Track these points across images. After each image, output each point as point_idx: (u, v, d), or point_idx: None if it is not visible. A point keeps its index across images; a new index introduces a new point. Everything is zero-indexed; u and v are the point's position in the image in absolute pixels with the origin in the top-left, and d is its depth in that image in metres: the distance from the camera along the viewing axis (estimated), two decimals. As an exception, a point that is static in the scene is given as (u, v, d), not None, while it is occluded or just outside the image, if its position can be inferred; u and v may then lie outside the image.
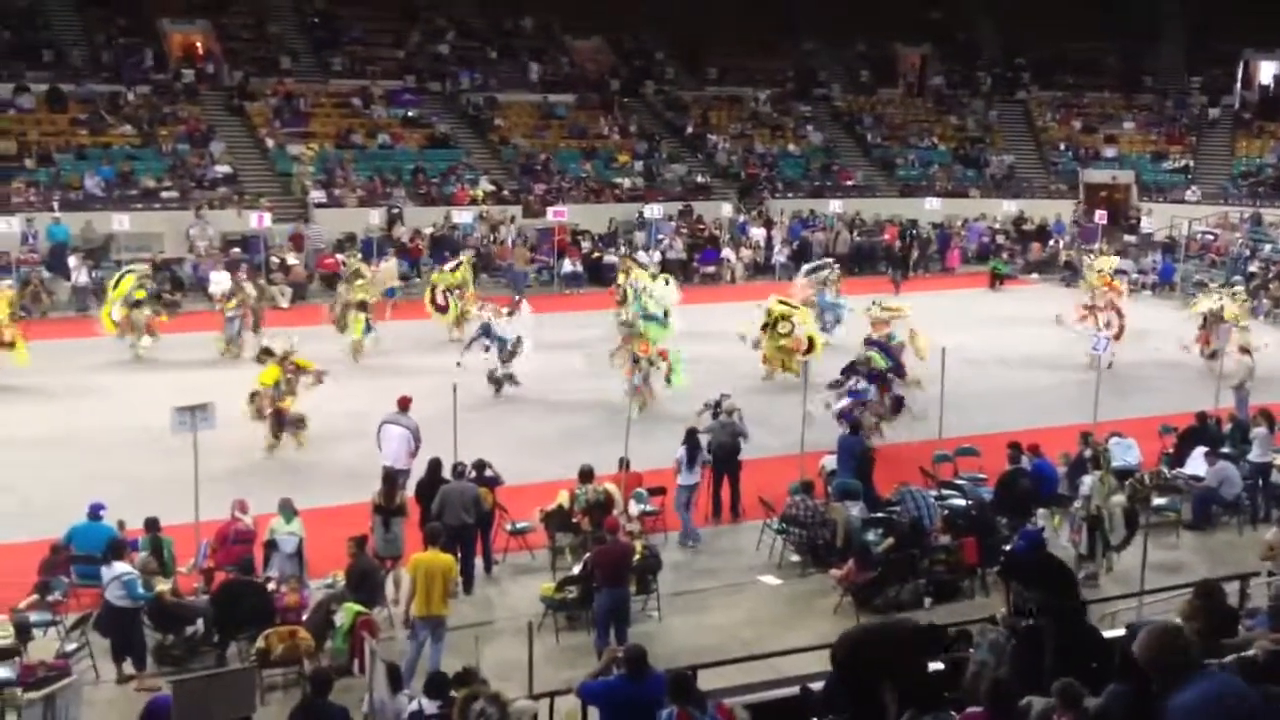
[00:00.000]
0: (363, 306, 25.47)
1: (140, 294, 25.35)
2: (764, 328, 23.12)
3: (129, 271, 26.04)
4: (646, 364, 21.03)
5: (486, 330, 22.53)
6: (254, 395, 18.98)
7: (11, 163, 34.26)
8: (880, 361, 19.42)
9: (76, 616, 12.77)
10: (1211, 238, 39.71)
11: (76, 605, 13.33)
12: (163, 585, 12.91)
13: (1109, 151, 46.83)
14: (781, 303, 23.49)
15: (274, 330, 21.63)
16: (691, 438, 16.33)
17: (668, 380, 21.20)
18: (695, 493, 16.39)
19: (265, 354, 19.57)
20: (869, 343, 20.04)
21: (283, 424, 19.03)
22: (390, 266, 30.29)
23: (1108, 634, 10.81)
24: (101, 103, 37.15)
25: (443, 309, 27.10)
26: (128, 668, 12.36)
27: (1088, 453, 16.30)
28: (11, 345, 22.73)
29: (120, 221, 31.27)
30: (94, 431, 20.31)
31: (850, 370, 19.63)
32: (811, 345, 22.48)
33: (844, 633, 7.04)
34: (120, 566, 12.53)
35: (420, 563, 12.39)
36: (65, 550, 13.89)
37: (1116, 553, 15.32)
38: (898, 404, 19.65)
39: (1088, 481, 15.31)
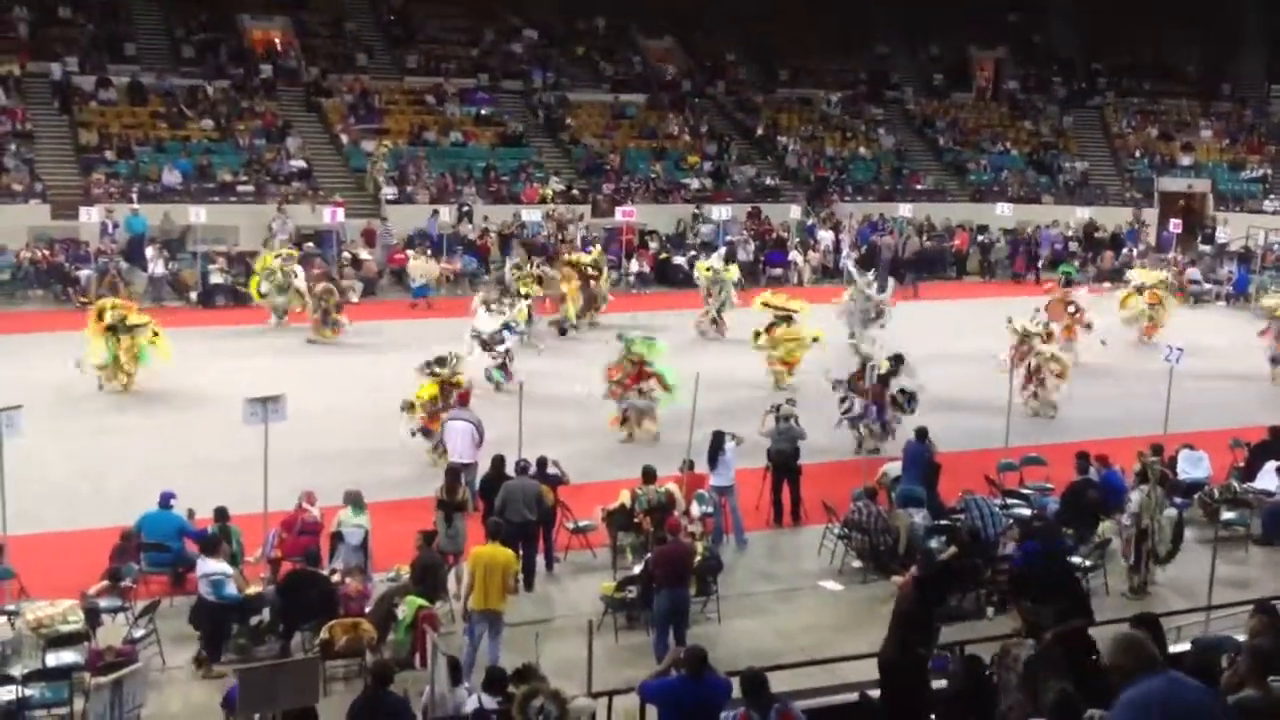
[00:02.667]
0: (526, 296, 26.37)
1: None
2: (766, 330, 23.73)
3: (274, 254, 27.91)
4: (636, 393, 20.17)
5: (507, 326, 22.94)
6: (410, 406, 18.57)
7: (93, 154, 34.95)
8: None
9: (145, 603, 13.01)
10: (1289, 248, 39.01)
11: (145, 592, 13.59)
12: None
13: (1185, 159, 46.11)
14: (765, 304, 24.26)
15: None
16: (714, 439, 16.28)
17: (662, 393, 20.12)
18: (731, 495, 16.29)
19: (436, 364, 18.83)
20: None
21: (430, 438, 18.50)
22: (422, 265, 30.88)
23: (1173, 649, 10.70)
24: (181, 96, 37.79)
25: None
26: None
27: (1137, 466, 16.09)
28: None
29: (197, 214, 31.76)
30: (168, 419, 20.69)
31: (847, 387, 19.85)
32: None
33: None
34: (211, 564, 12.79)
35: (480, 557, 12.50)
36: (136, 537, 14.14)
37: (1161, 566, 15.17)
38: (886, 427, 19.73)
39: (1135, 496, 15.14)
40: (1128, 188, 45.53)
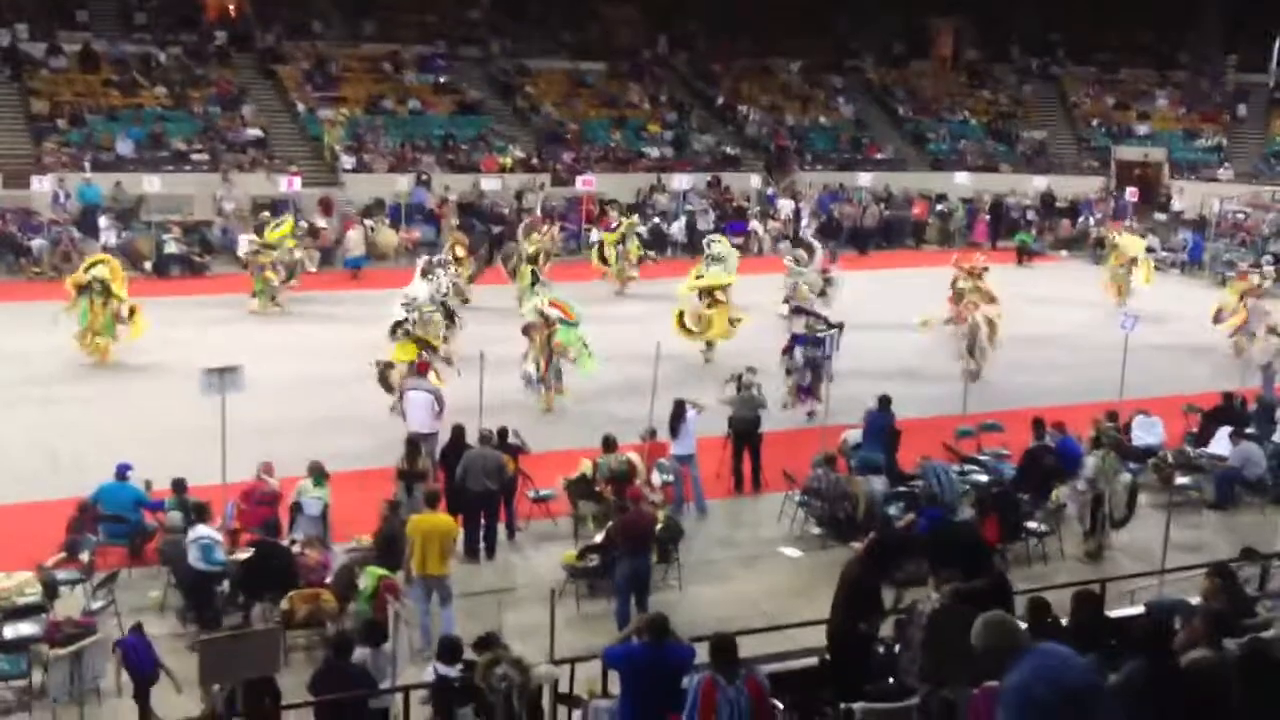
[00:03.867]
0: (534, 260, 26.25)
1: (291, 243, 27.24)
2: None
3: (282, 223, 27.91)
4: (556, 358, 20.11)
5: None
6: (388, 366, 18.74)
7: (44, 123, 34.44)
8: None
9: (104, 574, 12.93)
10: (1243, 216, 39.35)
11: (103, 564, 13.50)
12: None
13: (1142, 128, 46.44)
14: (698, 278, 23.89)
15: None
16: (676, 408, 16.30)
17: (575, 362, 20.19)
18: (691, 464, 16.33)
19: (398, 329, 19.36)
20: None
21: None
22: (356, 236, 30.76)
23: (1127, 611, 10.87)
24: (134, 64, 37.26)
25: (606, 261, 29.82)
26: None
27: (1092, 432, 16.26)
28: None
29: (151, 183, 31.43)
30: (124, 391, 20.53)
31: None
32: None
33: None
34: (201, 529, 12.76)
35: (419, 524, 12.60)
36: (93, 509, 14.04)
37: (1116, 530, 15.37)
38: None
39: (1090, 462, 15.31)
40: (1084, 157, 45.82)
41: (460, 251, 27.66)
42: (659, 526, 13.84)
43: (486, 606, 12.14)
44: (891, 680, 9.43)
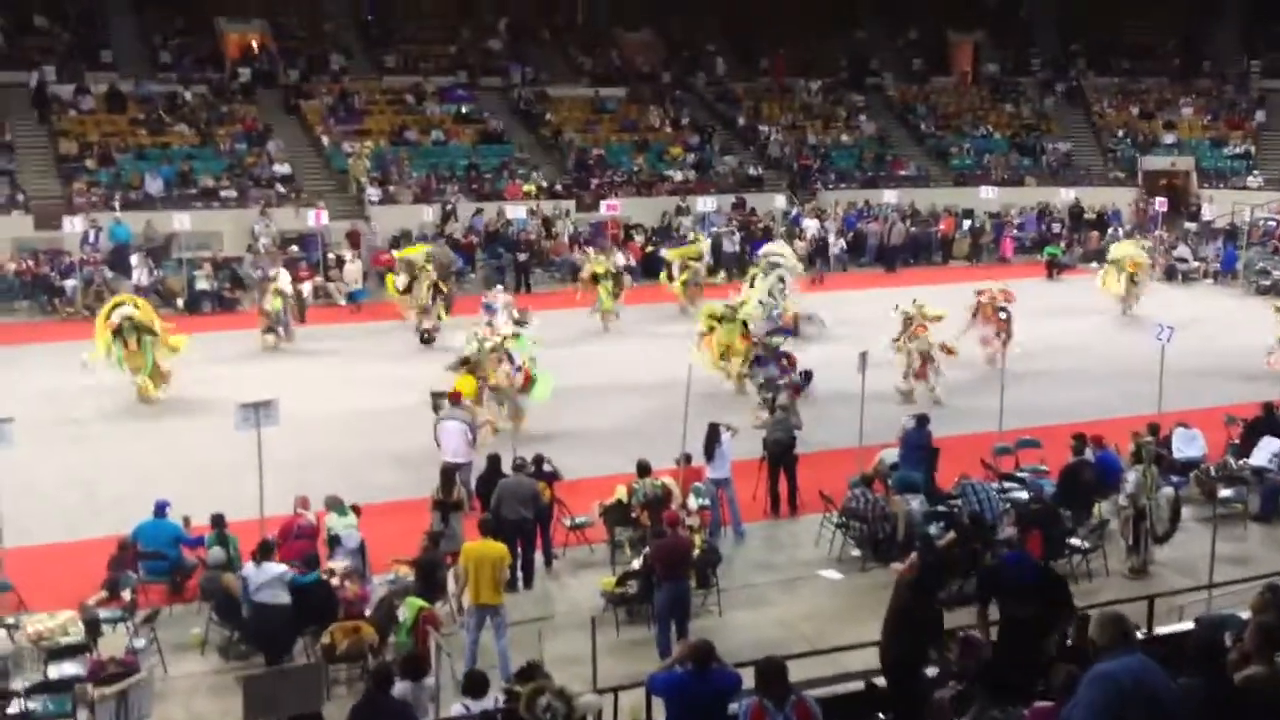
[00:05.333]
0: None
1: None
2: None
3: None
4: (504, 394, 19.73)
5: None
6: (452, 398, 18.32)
7: (73, 163, 34.76)
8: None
9: (146, 612, 12.95)
10: (1274, 224, 39.06)
11: (144, 601, 13.51)
12: (230, 580, 13.09)
13: (1168, 138, 46.16)
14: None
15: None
16: (710, 431, 16.22)
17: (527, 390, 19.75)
18: (728, 487, 16.26)
19: (462, 363, 19.36)
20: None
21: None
22: (355, 269, 30.88)
23: (1176, 627, 10.73)
24: (160, 103, 37.61)
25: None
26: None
27: (1132, 446, 16.10)
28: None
29: (181, 221, 31.64)
30: (159, 428, 20.63)
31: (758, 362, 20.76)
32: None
33: None
34: (277, 567, 12.72)
35: (470, 552, 12.55)
36: (132, 547, 14.07)
37: (1160, 545, 15.21)
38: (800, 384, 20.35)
39: (1131, 476, 15.15)
40: (1110, 168, 45.61)
41: (444, 288, 27.28)
42: (696, 551, 13.77)
43: (527, 636, 12.08)
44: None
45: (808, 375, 21.11)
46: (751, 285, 25.60)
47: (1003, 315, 23.99)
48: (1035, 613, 9.12)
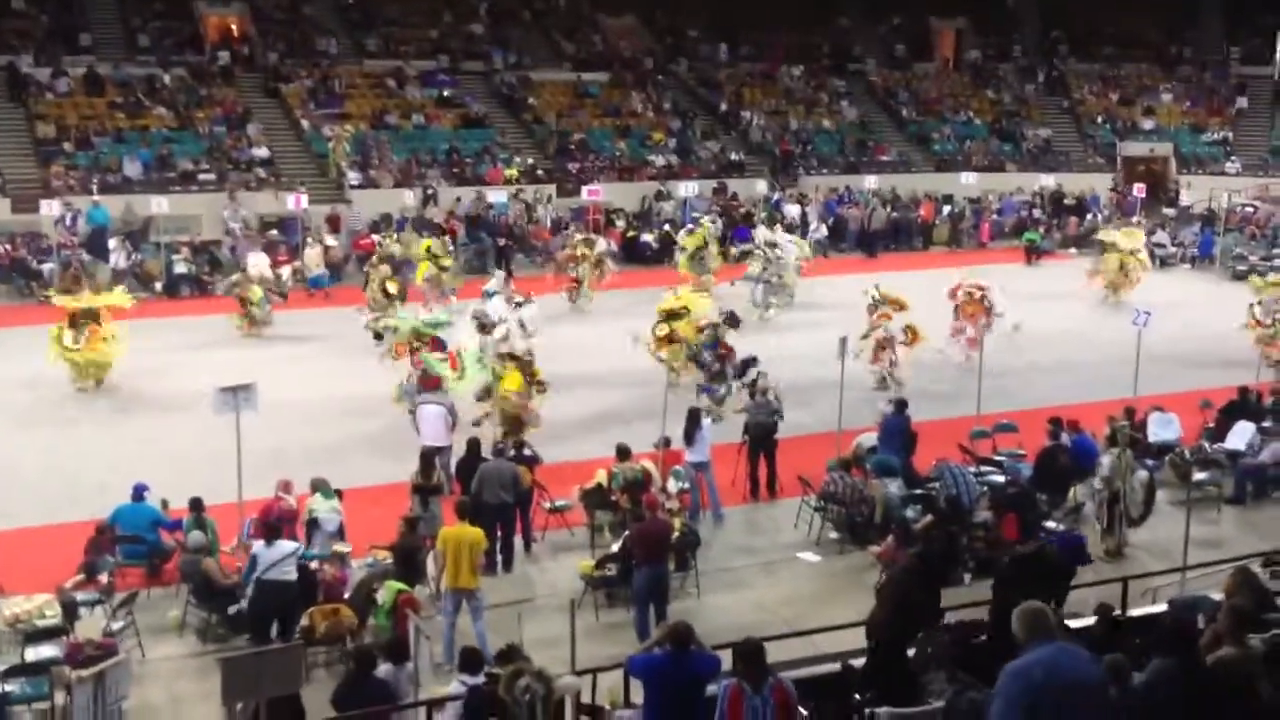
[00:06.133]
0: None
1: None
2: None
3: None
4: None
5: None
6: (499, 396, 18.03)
7: (50, 147, 34.52)
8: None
9: (123, 595, 12.93)
10: (1251, 210, 39.30)
11: (122, 584, 13.52)
12: (210, 564, 13.09)
13: (1147, 124, 46.38)
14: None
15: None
16: (691, 416, 16.27)
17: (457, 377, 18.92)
18: (707, 471, 16.30)
19: (510, 358, 18.34)
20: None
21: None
22: (314, 254, 30.98)
23: (1149, 609, 10.82)
24: (139, 86, 37.36)
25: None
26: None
27: (1107, 430, 16.20)
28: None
29: (159, 204, 31.43)
30: (138, 411, 20.56)
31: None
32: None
33: None
34: (289, 544, 12.78)
35: (449, 536, 12.61)
36: (110, 530, 14.06)
37: (1134, 528, 15.32)
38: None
39: (1106, 460, 15.26)
40: (1090, 154, 45.75)
41: (392, 288, 26.41)
42: (675, 535, 13.82)
43: (506, 619, 12.10)
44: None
45: (745, 363, 20.23)
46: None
47: (985, 302, 23.82)
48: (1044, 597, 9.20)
